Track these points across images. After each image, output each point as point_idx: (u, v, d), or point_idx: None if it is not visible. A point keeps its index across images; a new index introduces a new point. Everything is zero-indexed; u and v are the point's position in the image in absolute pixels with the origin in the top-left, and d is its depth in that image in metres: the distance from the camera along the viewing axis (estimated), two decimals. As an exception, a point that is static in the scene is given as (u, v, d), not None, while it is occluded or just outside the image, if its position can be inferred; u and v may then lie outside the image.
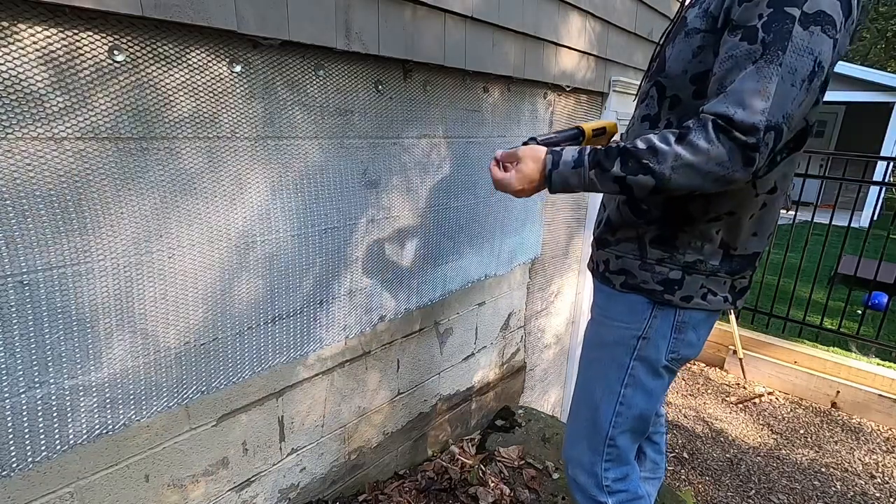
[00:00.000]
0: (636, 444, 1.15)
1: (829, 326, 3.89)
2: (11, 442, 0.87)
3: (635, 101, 1.11)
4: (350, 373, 1.50)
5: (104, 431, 0.99)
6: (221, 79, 1.01)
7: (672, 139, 0.80)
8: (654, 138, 0.82)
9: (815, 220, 3.99)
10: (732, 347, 3.90)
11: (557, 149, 0.93)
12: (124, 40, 0.86)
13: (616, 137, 1.16)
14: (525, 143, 1.01)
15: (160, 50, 0.91)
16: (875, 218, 4.63)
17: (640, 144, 0.83)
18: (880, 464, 3.02)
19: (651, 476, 1.38)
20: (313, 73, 1.16)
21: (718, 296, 1.00)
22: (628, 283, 1.03)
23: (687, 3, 0.98)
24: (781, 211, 1.04)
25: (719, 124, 0.77)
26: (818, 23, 0.74)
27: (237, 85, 1.04)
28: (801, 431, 3.33)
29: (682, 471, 2.91)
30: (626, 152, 0.84)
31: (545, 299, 2.43)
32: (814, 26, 0.74)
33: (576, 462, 1.16)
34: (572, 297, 2.68)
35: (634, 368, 1.05)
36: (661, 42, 1.06)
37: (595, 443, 1.12)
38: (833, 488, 2.81)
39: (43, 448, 0.91)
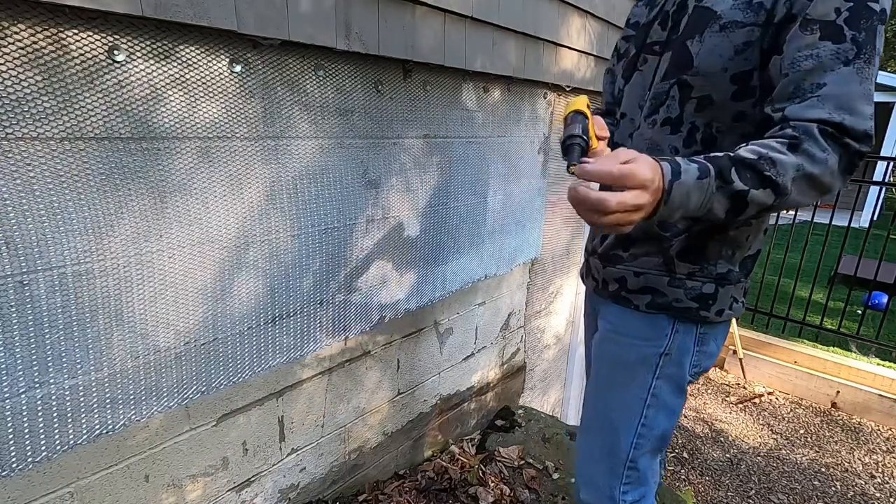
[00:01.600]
0: (655, 461, 1.08)
1: (829, 326, 3.89)
2: (11, 442, 0.87)
3: (629, 99, 1.00)
4: (350, 373, 1.50)
5: (104, 431, 0.99)
6: (221, 79, 1.01)
7: (785, 148, 0.69)
8: (764, 148, 0.70)
9: (815, 220, 3.99)
10: (732, 347, 3.90)
11: (666, 158, 0.71)
12: (124, 40, 0.86)
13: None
14: (570, 144, 0.82)
15: (160, 50, 0.91)
16: (875, 218, 4.63)
17: (751, 155, 0.69)
18: (880, 464, 3.02)
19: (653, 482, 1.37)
20: (313, 73, 1.16)
21: (739, 302, 0.96)
22: (657, 302, 0.94)
23: None
24: (782, 211, 1.02)
25: (828, 132, 0.69)
26: (883, 21, 0.70)
27: (237, 85, 1.03)
28: (801, 431, 3.33)
29: (682, 471, 2.91)
30: (740, 163, 0.69)
31: (545, 299, 2.43)
32: (880, 24, 0.70)
33: (591, 486, 1.08)
34: (572, 297, 2.68)
35: (657, 388, 0.97)
36: (643, 28, 0.97)
37: (614, 466, 1.03)
38: (833, 488, 2.81)
39: (43, 448, 0.91)
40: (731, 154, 0.71)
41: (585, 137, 0.82)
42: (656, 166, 0.67)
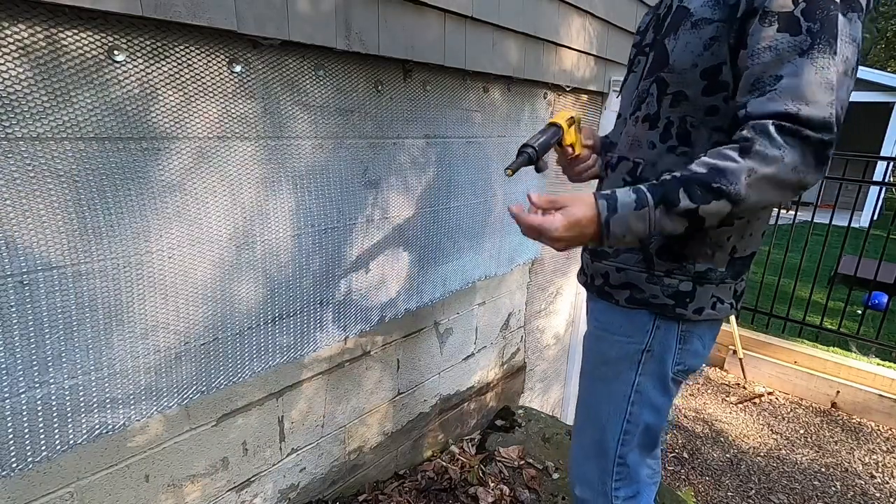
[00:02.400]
0: (647, 459, 1.09)
1: (829, 326, 3.89)
2: (11, 442, 0.87)
3: (623, 99, 1.04)
4: (350, 373, 1.50)
5: (104, 431, 0.99)
6: (221, 79, 1.01)
7: (735, 154, 0.71)
8: (713, 159, 0.73)
9: (815, 220, 3.99)
10: (732, 347, 3.90)
11: (606, 191, 0.79)
12: (124, 40, 0.86)
13: (584, 124, 1.12)
14: (522, 151, 0.95)
15: (160, 50, 0.91)
16: (875, 218, 4.63)
17: (700, 169, 0.73)
18: (880, 464, 3.02)
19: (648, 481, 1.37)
20: (313, 73, 1.16)
21: (725, 303, 0.95)
22: (635, 297, 0.96)
23: None
24: (782, 211, 1.02)
25: (783, 126, 0.69)
26: (854, 9, 0.71)
27: (237, 85, 1.03)
28: (801, 431, 3.33)
29: (682, 471, 2.91)
30: (688, 181, 0.73)
31: (545, 299, 2.43)
32: (851, 13, 0.71)
33: (584, 482, 1.10)
34: (572, 297, 2.68)
35: (640, 384, 0.99)
36: (643, 34, 1.00)
37: (604, 462, 1.06)
38: (833, 488, 2.81)
39: (43, 448, 0.91)
40: (680, 173, 0.75)
41: (536, 148, 0.95)
42: (588, 208, 0.77)
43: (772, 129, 0.70)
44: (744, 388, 3.82)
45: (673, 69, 0.87)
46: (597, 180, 1.17)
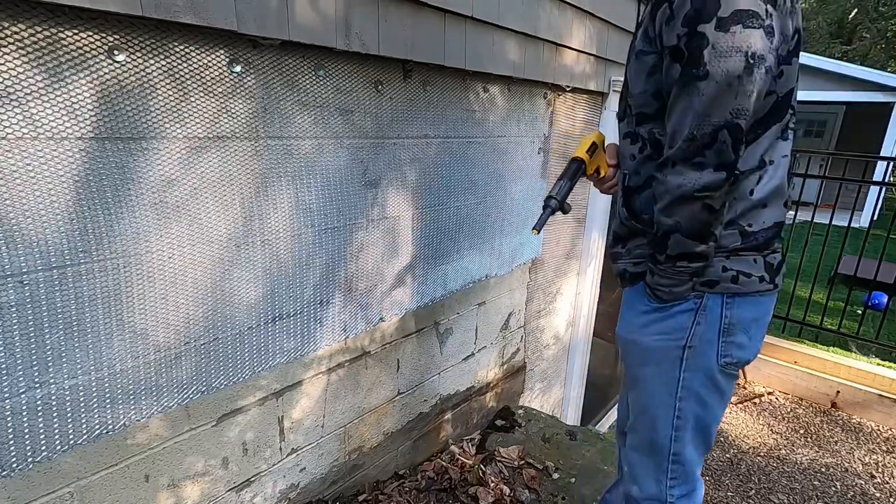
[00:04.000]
0: (702, 457, 1.10)
1: (829, 326, 3.89)
2: (11, 442, 0.87)
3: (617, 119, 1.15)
4: (350, 373, 1.50)
5: (104, 431, 0.99)
6: (221, 79, 1.01)
7: (645, 194, 0.97)
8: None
9: (815, 220, 3.99)
10: (732, 347, 3.89)
11: (629, 264, 1.06)
12: (124, 40, 0.86)
13: (608, 142, 1.19)
14: (546, 205, 1.08)
15: (160, 50, 0.91)
16: (875, 218, 4.63)
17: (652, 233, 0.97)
18: (880, 464, 3.02)
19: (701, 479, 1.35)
20: (313, 73, 1.16)
21: (752, 276, 0.96)
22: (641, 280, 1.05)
23: (639, 20, 1.01)
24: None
25: (662, 162, 0.89)
26: (737, 21, 0.79)
27: (237, 85, 1.03)
28: (801, 431, 3.33)
29: (682, 471, 2.91)
30: (652, 243, 0.98)
31: (545, 299, 2.43)
32: (734, 26, 0.79)
33: (639, 481, 1.12)
34: (572, 297, 2.68)
35: (686, 380, 1.01)
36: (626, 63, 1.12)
37: (659, 461, 1.08)
38: (833, 488, 2.81)
39: (43, 448, 0.91)
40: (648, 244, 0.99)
41: (558, 199, 1.07)
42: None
43: (659, 173, 0.92)
44: (744, 387, 3.82)
45: (632, 94, 1.01)
46: None
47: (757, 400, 3.67)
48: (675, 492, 1.09)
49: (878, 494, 2.76)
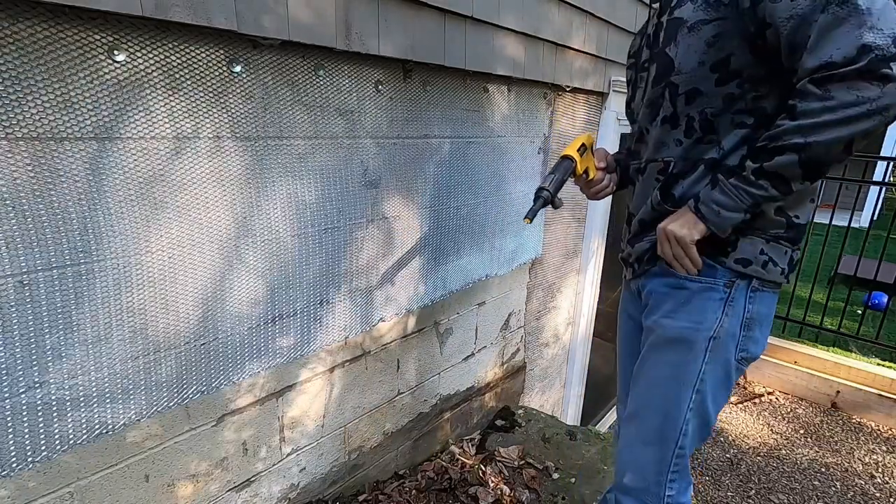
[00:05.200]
0: (694, 450, 1.07)
1: (829, 326, 3.88)
2: (11, 442, 0.87)
3: (636, 115, 1.11)
4: (350, 373, 1.50)
5: (104, 431, 0.99)
6: (221, 79, 1.01)
7: (785, 119, 0.80)
8: (769, 132, 0.83)
9: (815, 220, 3.98)
10: (732, 347, 3.90)
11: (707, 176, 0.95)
12: (124, 40, 0.86)
13: (598, 145, 1.19)
14: (538, 196, 1.05)
15: (160, 50, 0.91)
16: (875, 218, 4.63)
17: (759, 143, 0.84)
18: (880, 464, 3.02)
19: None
20: (313, 73, 1.16)
21: (778, 266, 0.95)
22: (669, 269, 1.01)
23: (673, 3, 0.97)
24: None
25: (818, 77, 0.76)
26: None
27: (237, 85, 1.03)
28: (801, 431, 3.33)
29: (682, 471, 2.91)
30: (752, 151, 0.86)
31: (545, 299, 2.43)
32: None
33: (637, 469, 1.07)
34: (572, 296, 2.68)
35: (706, 372, 0.98)
36: (636, 55, 1.09)
37: (664, 453, 1.04)
38: (833, 488, 2.81)
39: (43, 448, 0.91)
40: (745, 152, 0.90)
41: (551, 191, 1.04)
42: (685, 209, 0.94)
43: (809, 86, 0.77)
44: (744, 387, 3.82)
45: (681, 71, 0.95)
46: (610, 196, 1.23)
47: (757, 400, 3.67)
48: (675, 485, 1.05)
49: (878, 494, 2.76)
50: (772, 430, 3.34)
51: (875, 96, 0.72)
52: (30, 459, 0.90)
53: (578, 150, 1.12)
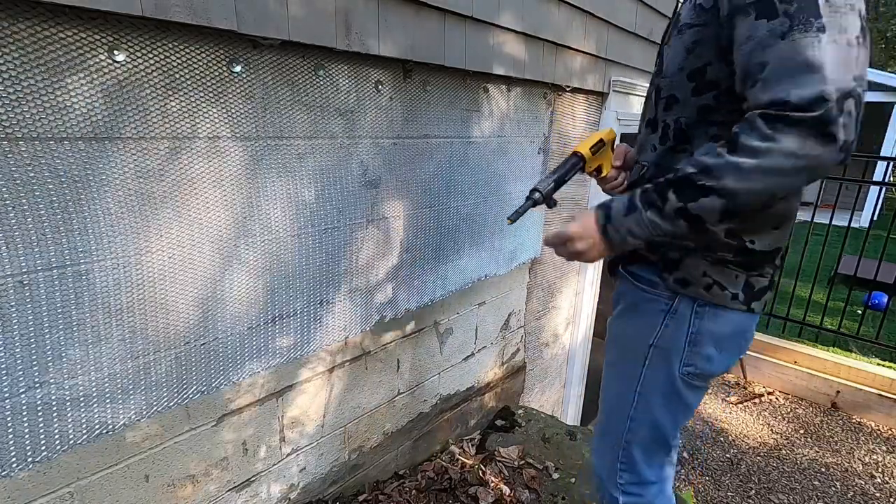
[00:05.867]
0: (653, 460, 1.08)
1: (829, 326, 3.88)
2: (11, 442, 0.87)
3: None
4: (350, 373, 1.50)
5: (104, 431, 0.99)
6: (221, 79, 1.01)
7: (724, 151, 0.74)
8: (703, 158, 0.76)
9: (815, 220, 3.99)
10: (732, 347, 3.90)
11: (606, 201, 0.89)
12: (124, 40, 0.86)
13: (618, 141, 1.15)
14: (528, 196, 1.02)
15: (160, 50, 0.91)
16: (875, 218, 4.63)
17: (690, 168, 0.77)
18: (880, 464, 3.02)
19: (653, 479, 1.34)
20: (313, 73, 1.16)
21: (727, 291, 0.90)
22: (635, 255, 0.99)
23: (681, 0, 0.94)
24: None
25: (770, 114, 0.69)
26: None
27: (237, 85, 1.03)
28: (801, 431, 3.33)
29: (682, 471, 2.91)
30: (678, 182, 0.78)
31: (545, 299, 2.43)
32: None
33: (600, 457, 1.15)
34: (572, 297, 2.68)
35: (647, 378, 1.00)
36: (661, 44, 1.03)
37: (613, 443, 1.10)
38: (833, 488, 2.81)
39: (43, 448, 0.91)
40: (672, 175, 0.80)
41: (542, 192, 1.02)
42: (587, 219, 0.89)
43: (759, 121, 0.70)
44: (744, 387, 3.82)
45: (665, 74, 0.93)
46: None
47: (757, 400, 3.67)
48: (624, 478, 1.10)
49: (878, 494, 2.76)
50: (772, 430, 3.34)
51: (815, 154, 0.69)
52: (30, 459, 0.90)
53: (593, 147, 1.08)
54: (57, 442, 0.93)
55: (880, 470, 2.97)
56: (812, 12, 0.68)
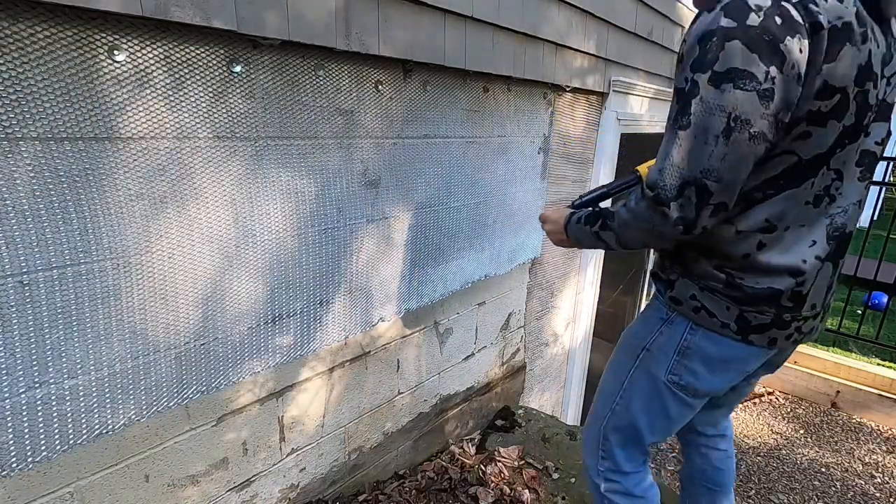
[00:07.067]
0: (630, 454, 1.15)
1: (829, 326, 3.88)
2: (11, 442, 0.87)
3: None
4: (350, 373, 1.50)
5: (104, 431, 0.99)
6: (221, 79, 1.01)
7: (624, 204, 0.95)
8: (612, 206, 1.01)
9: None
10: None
11: (585, 210, 1.09)
12: (124, 40, 0.86)
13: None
14: (572, 203, 1.19)
15: (160, 50, 0.91)
16: (875, 218, 4.63)
17: (610, 209, 1.01)
18: (880, 464, 3.02)
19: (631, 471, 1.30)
20: (313, 73, 1.16)
21: (716, 318, 0.94)
22: (656, 273, 1.10)
23: None
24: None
25: (642, 187, 0.90)
26: (730, 80, 0.76)
27: (237, 85, 1.03)
28: (801, 431, 3.33)
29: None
30: (600, 215, 1.02)
31: (545, 299, 2.43)
32: (725, 83, 0.77)
33: (586, 440, 1.24)
34: (572, 297, 2.68)
35: (633, 377, 1.09)
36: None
37: (596, 430, 1.18)
38: (833, 488, 2.81)
39: (43, 448, 0.91)
40: (600, 210, 1.05)
41: (577, 199, 1.20)
42: (560, 214, 1.14)
43: (646, 188, 0.88)
44: (744, 388, 3.82)
45: None
46: None
47: (757, 400, 3.67)
48: (603, 465, 1.18)
49: (878, 494, 2.76)
50: (772, 430, 3.35)
51: (654, 222, 0.88)
52: (30, 459, 0.90)
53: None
54: (57, 442, 0.93)
55: (880, 470, 2.97)
56: (686, 111, 0.81)
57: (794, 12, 0.74)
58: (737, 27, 0.75)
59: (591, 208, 1.12)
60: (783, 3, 0.75)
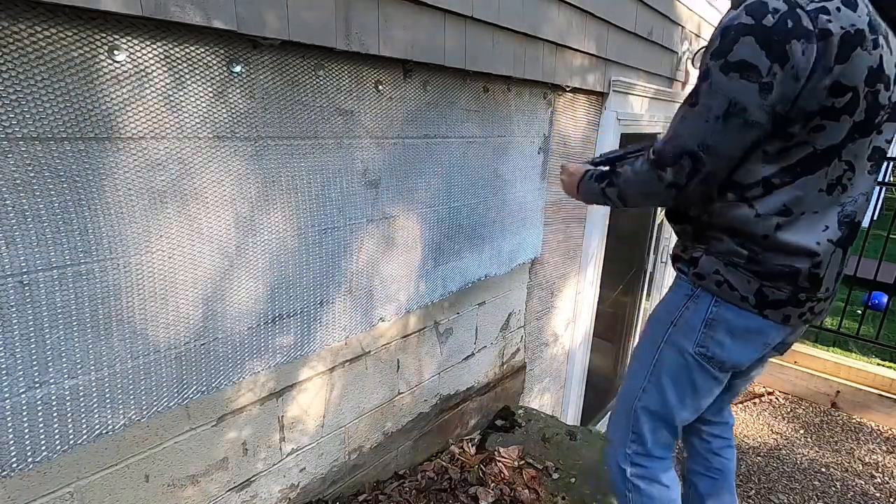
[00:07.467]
0: (659, 437, 1.18)
1: (829, 326, 3.88)
2: (11, 442, 0.87)
3: None
4: (350, 373, 1.50)
5: (104, 431, 0.99)
6: (221, 79, 1.01)
7: (630, 164, 1.09)
8: (623, 165, 1.12)
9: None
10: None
11: (599, 169, 1.21)
12: (124, 40, 0.86)
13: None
14: (591, 160, 1.32)
15: (160, 50, 0.91)
16: (875, 218, 4.63)
17: (614, 166, 1.16)
18: (880, 464, 3.02)
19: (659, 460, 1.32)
20: (313, 73, 1.16)
21: (737, 292, 1.01)
22: (677, 255, 1.16)
23: None
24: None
25: (649, 151, 1.03)
26: (738, 69, 0.87)
27: (237, 85, 1.03)
28: (801, 431, 3.33)
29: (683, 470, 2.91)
30: (612, 173, 1.15)
31: (545, 299, 2.43)
32: (733, 72, 0.87)
33: (614, 420, 1.27)
34: (572, 296, 2.68)
35: (662, 352, 1.13)
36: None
37: (627, 408, 1.21)
38: (833, 488, 2.81)
39: (43, 448, 0.91)
40: (608, 169, 1.18)
41: (597, 157, 1.34)
42: (579, 170, 1.27)
43: (650, 151, 1.03)
44: (744, 388, 3.82)
45: None
46: None
47: (757, 400, 3.67)
48: (632, 448, 1.20)
49: (878, 494, 2.76)
50: (772, 430, 3.35)
51: (650, 182, 1.03)
52: (30, 459, 0.90)
53: None
54: (57, 442, 0.93)
55: (880, 470, 2.97)
56: (698, 91, 0.93)
57: (805, 20, 0.83)
58: (754, 24, 0.85)
59: (604, 167, 1.22)
60: (797, 9, 0.83)
